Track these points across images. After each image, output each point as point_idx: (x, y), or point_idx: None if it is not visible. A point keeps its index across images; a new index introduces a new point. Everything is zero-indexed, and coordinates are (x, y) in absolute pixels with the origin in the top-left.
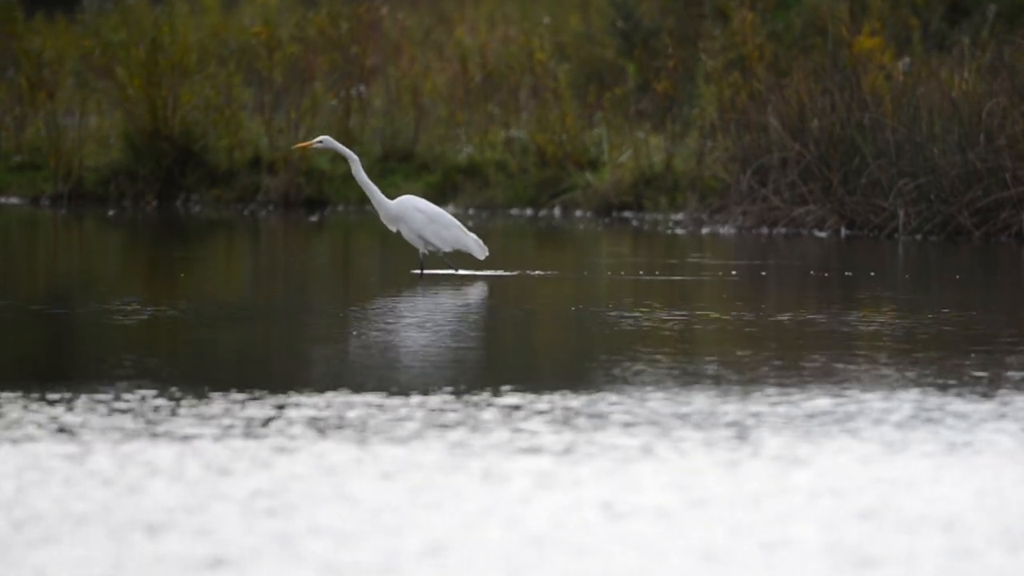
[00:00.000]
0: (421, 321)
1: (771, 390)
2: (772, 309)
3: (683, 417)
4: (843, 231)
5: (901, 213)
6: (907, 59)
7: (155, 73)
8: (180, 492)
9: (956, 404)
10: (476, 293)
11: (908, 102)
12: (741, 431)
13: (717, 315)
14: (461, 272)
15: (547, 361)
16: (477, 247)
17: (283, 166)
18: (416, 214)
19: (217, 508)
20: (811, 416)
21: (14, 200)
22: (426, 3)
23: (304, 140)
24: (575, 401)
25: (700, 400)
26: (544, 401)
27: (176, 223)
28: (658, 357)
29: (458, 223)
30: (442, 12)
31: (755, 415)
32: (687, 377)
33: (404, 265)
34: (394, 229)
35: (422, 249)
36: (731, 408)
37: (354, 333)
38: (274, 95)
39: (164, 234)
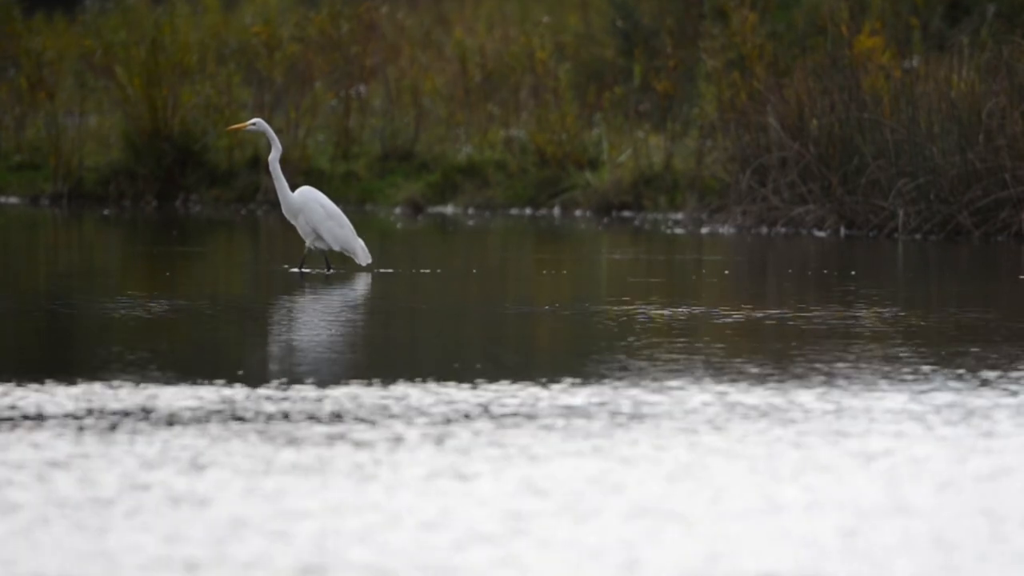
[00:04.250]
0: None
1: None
2: (694, 303)
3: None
4: (842, 231)
5: (900, 213)
6: (916, 57)
7: (155, 73)
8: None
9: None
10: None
11: (907, 102)
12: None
13: (616, 309)
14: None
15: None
16: (362, 252)
17: (283, 166)
18: (317, 207)
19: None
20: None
21: (14, 200)
22: (426, 3)
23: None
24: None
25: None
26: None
27: (174, 223)
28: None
29: (351, 226)
30: (442, 12)
31: (569, 409)
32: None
33: (386, 263)
34: (294, 222)
35: (310, 244)
36: (558, 402)
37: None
38: (274, 95)
39: (160, 234)
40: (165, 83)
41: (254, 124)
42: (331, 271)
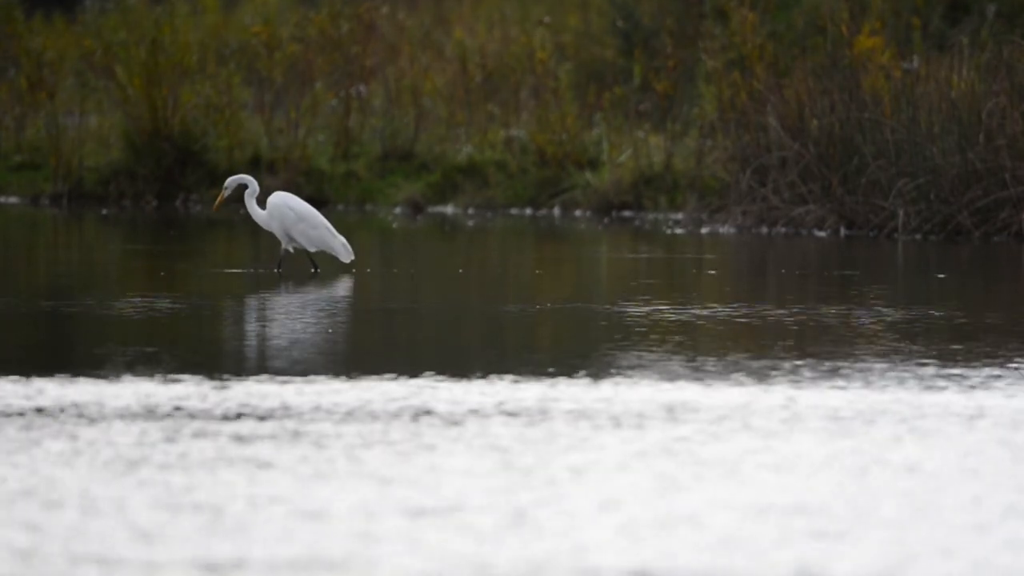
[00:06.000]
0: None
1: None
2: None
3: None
4: (842, 231)
5: (900, 213)
6: (916, 57)
7: (155, 73)
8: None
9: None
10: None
11: (907, 102)
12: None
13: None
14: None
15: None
16: (343, 250)
17: (283, 166)
18: (287, 211)
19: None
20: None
21: (14, 200)
22: (426, 3)
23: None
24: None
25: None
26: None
27: (174, 223)
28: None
29: (326, 223)
30: (442, 12)
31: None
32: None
33: (376, 262)
34: (268, 229)
35: (285, 246)
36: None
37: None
38: (274, 95)
39: (159, 234)
40: (165, 83)
41: (227, 187)
42: (316, 271)
